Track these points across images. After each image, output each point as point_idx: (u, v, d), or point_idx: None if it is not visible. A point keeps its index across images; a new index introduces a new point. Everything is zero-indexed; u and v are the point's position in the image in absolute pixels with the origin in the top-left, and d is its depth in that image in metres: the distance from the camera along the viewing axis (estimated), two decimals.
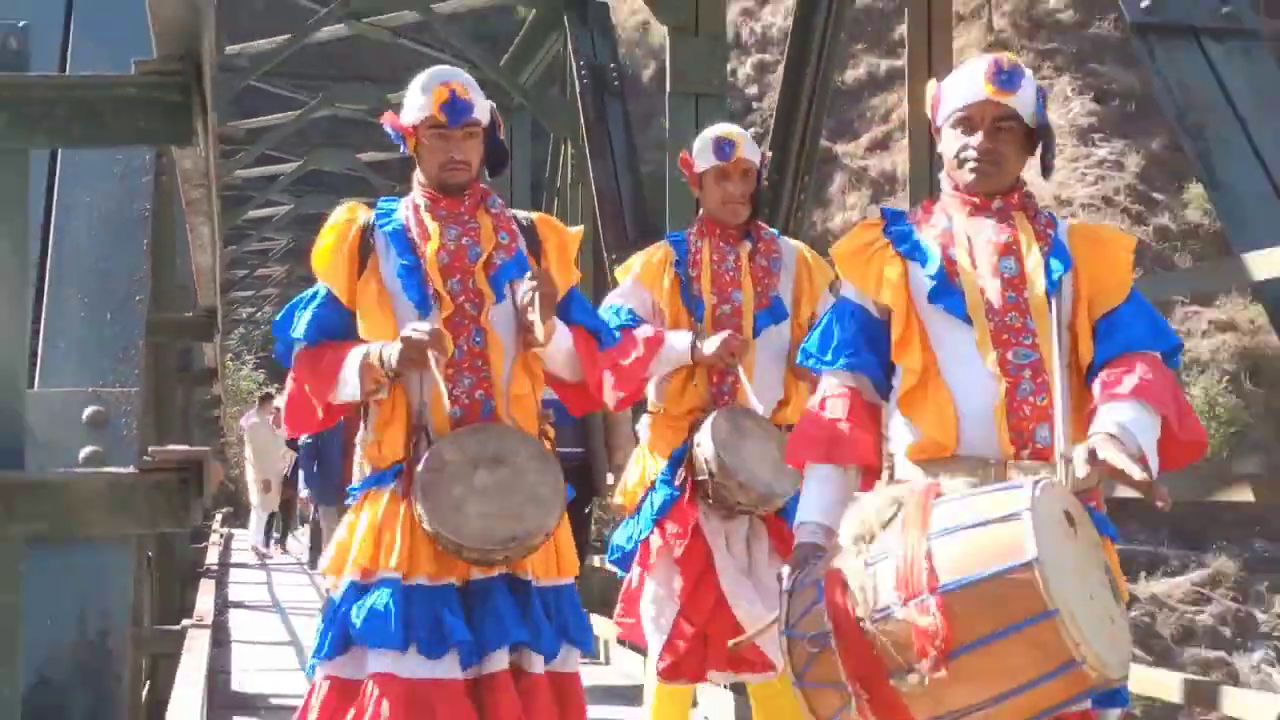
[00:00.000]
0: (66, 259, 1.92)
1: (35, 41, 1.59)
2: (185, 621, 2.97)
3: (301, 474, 8.85)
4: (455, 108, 2.16)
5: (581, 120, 7.35)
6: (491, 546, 2.08)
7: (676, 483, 2.76)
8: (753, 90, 19.55)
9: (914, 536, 1.50)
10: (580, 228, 2.63)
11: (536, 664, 2.17)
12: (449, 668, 2.08)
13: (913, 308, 1.85)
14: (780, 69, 5.94)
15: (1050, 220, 1.90)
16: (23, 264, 1.51)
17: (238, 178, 12.73)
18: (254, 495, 11.38)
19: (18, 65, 1.53)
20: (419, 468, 2.09)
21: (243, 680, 5.16)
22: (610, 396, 2.73)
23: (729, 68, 13.29)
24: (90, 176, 1.98)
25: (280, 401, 2.34)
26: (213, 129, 1.55)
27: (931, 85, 1.97)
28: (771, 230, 3.05)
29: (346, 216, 2.27)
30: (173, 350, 3.64)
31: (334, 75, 12.32)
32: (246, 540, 11.92)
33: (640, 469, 2.91)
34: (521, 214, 2.42)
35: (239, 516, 12.82)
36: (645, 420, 2.96)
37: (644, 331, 2.76)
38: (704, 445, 2.67)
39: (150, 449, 1.47)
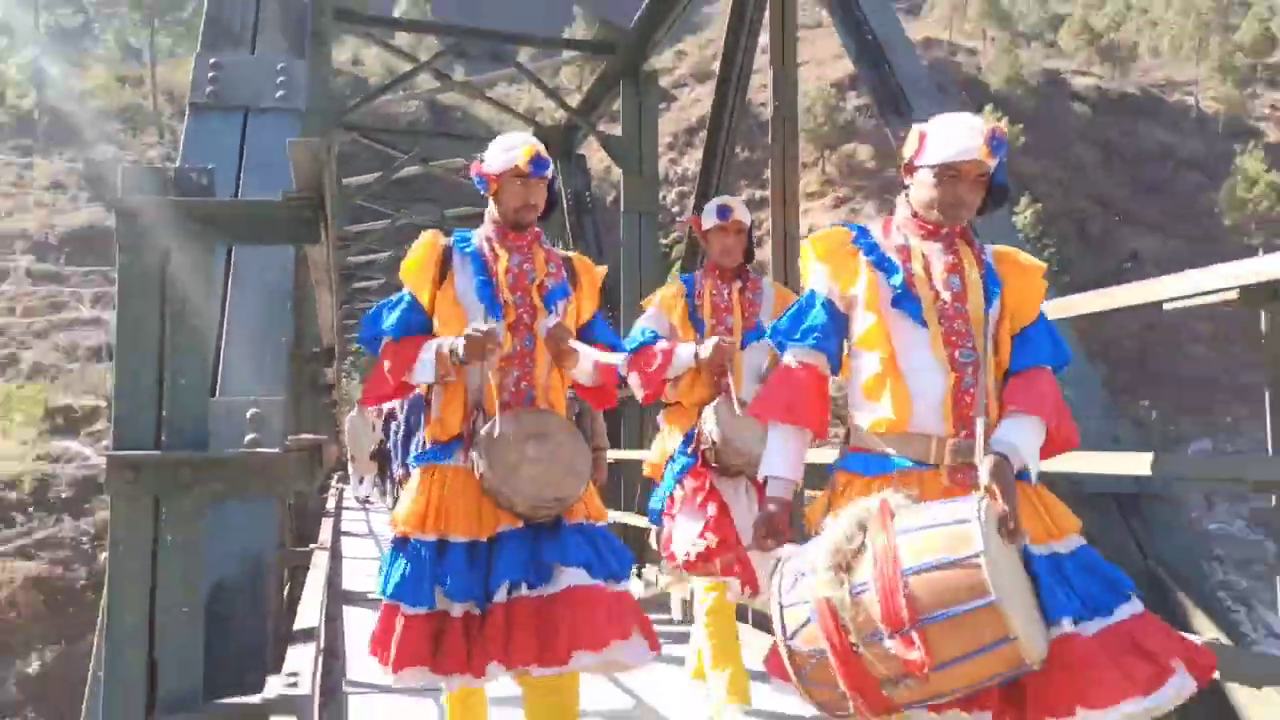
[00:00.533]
0: (239, 315, 2.64)
1: (220, 177, 2.27)
2: (312, 545, 3.76)
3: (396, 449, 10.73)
4: (538, 162, 2.59)
5: (567, 227, 10.75)
6: (540, 503, 2.46)
7: (689, 451, 3.39)
8: (676, 209, 31.86)
9: (889, 569, 1.70)
10: (604, 267, 3.10)
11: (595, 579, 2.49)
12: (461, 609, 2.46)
13: (880, 308, 2.10)
14: (693, 197, 8.64)
15: (981, 248, 2.18)
16: (211, 318, 2.22)
17: (349, 262, 16.61)
18: (351, 465, 15.17)
19: (206, 193, 2.22)
20: (481, 436, 2.46)
21: (349, 582, 7.18)
22: (638, 393, 3.41)
23: (660, 195, 18.87)
24: (255, 264, 2.70)
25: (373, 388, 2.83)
26: (331, 233, 2.21)
27: (915, 131, 2.16)
28: (756, 273, 3.68)
29: (430, 240, 2.66)
30: (309, 370, 4.64)
31: (409, 196, 16.64)
32: (350, 492, 15.64)
33: (661, 446, 3.60)
34: (561, 252, 2.83)
35: (347, 479, 16.18)
36: (664, 411, 3.67)
37: (662, 345, 3.42)
38: (709, 424, 3.30)
39: (289, 438, 2.15)
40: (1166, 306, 3.03)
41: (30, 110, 37.48)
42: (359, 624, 5.75)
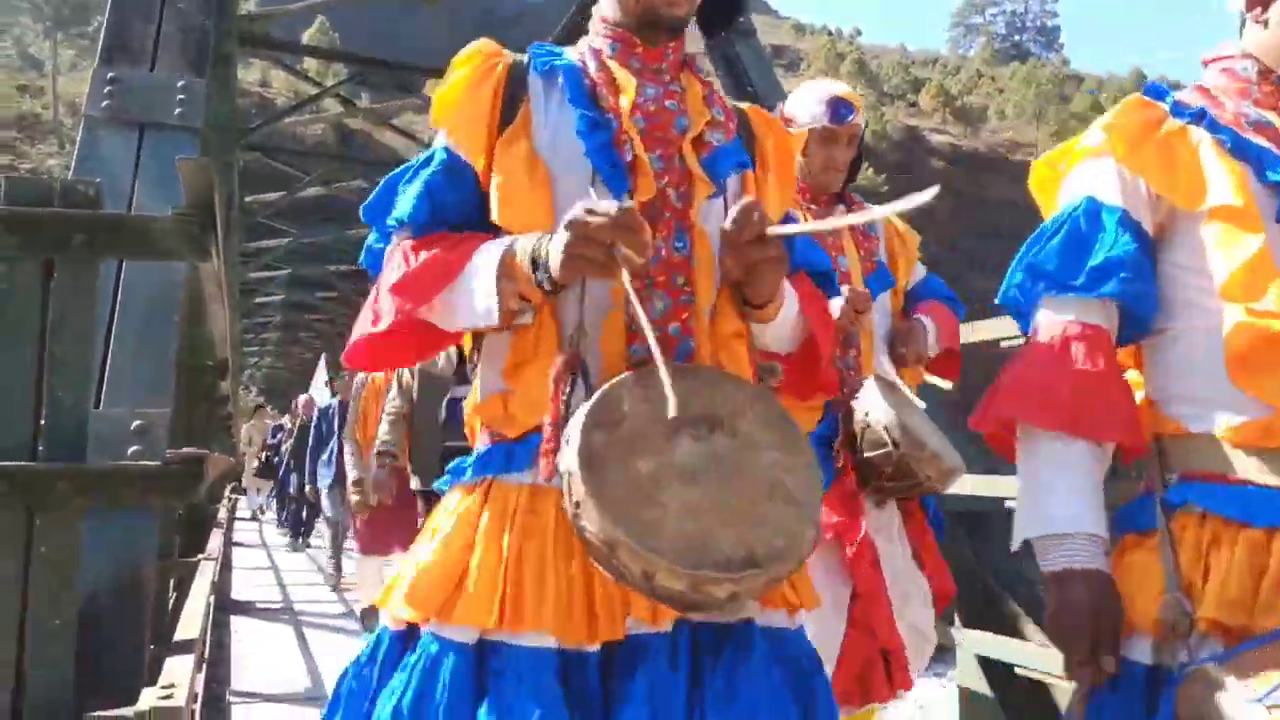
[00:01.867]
0: (125, 327, 2.50)
1: (114, 192, 2.16)
2: (199, 555, 3.59)
3: (307, 464, 8.45)
4: None
5: None
6: (711, 572, 0.99)
7: (837, 465, 2.04)
8: None
9: None
10: (804, 131, 2.20)
11: None
12: None
13: (1261, 222, 1.13)
14: None
15: None
16: (93, 330, 2.10)
17: (249, 278, 15.85)
18: (247, 475, 14.63)
19: (93, 206, 2.11)
20: (578, 425, 1.07)
21: (240, 592, 7.04)
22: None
23: None
24: (144, 277, 2.56)
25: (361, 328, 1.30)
26: (220, 251, 2.13)
27: None
28: (859, 196, 2.44)
29: (485, 50, 1.32)
30: (203, 383, 4.47)
31: (313, 217, 16.63)
32: (244, 503, 15.06)
33: None
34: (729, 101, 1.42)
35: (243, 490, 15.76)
36: None
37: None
38: (877, 413, 1.97)
39: (169, 451, 2.05)
40: (1004, 344, 3.20)
41: None
42: (248, 633, 5.52)
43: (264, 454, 12.90)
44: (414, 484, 4.42)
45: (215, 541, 6.95)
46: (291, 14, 9.40)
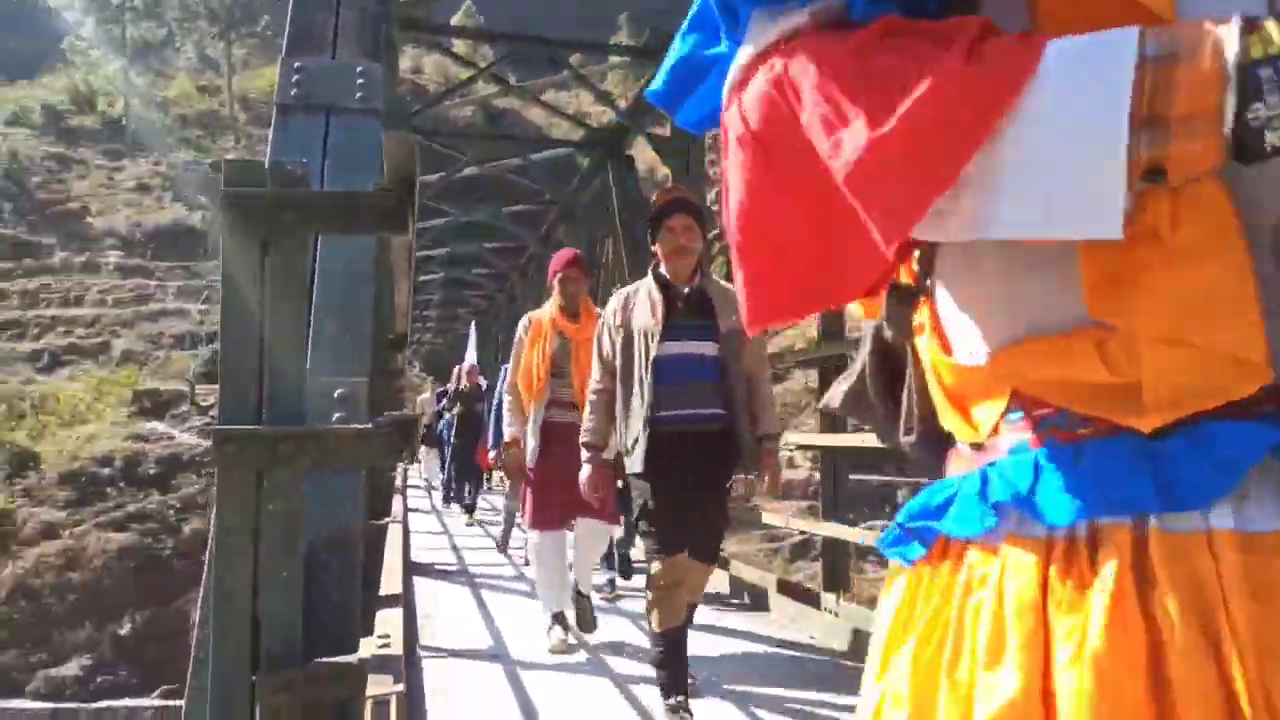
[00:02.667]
0: (324, 300, 2.64)
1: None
2: (386, 519, 3.80)
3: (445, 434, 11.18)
4: None
5: (617, 224, 10.80)
6: None
7: None
8: (715, 207, 32.82)
9: None
10: None
11: None
12: None
13: None
14: None
15: None
16: (303, 305, 2.23)
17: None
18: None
19: (302, 184, 2.23)
20: None
21: (417, 554, 7.29)
22: None
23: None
24: (340, 252, 2.70)
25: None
26: (414, 224, 2.21)
27: None
28: None
29: None
30: (381, 356, 4.69)
31: (469, 195, 16.31)
32: (415, 472, 15.77)
33: None
34: None
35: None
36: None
37: None
38: None
39: (381, 416, 2.16)
40: None
41: (119, 117, 38.21)
42: (429, 593, 5.82)
43: (430, 421, 13.05)
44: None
45: (398, 506, 7.39)
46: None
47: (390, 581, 2.67)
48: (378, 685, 1.81)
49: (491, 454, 5.59)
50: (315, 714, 2.05)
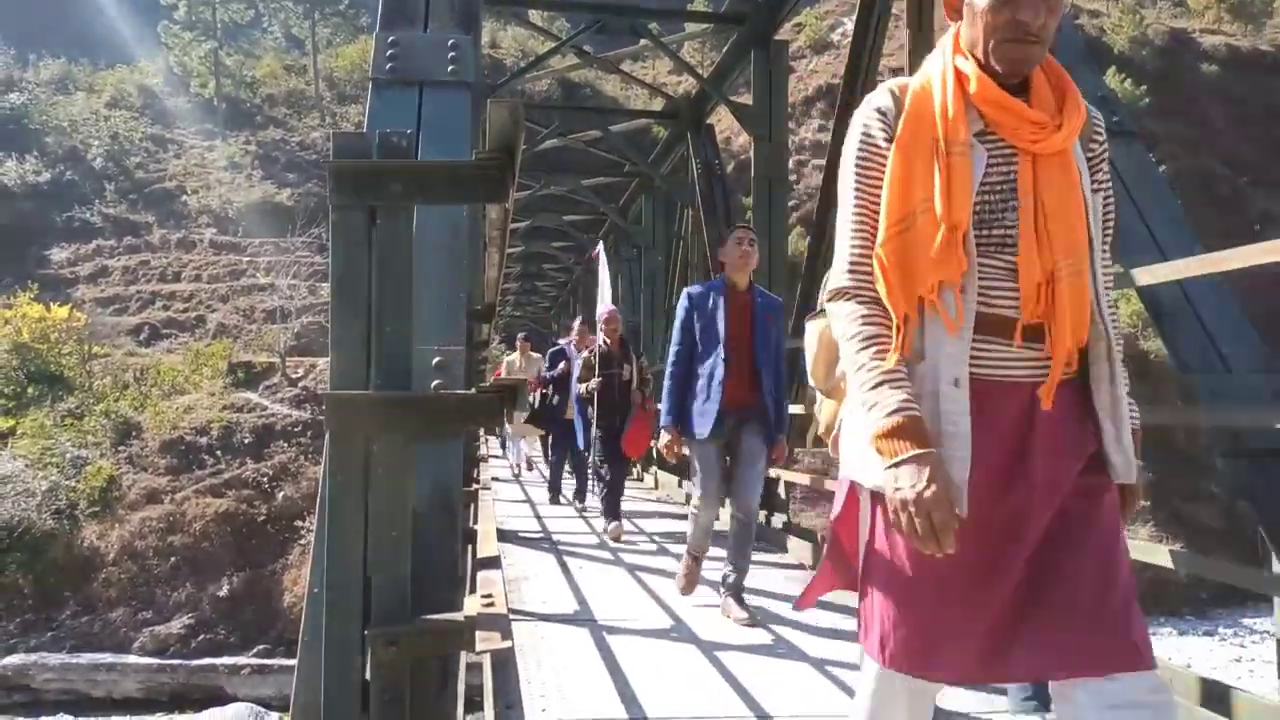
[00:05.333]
0: (422, 269, 2.71)
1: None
2: (476, 486, 3.89)
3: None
4: None
5: (698, 195, 10.72)
6: None
7: None
8: (793, 177, 28.65)
9: None
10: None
11: None
12: None
13: None
14: (824, 159, 8.01)
15: None
16: (409, 273, 2.29)
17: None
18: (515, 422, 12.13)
19: (406, 155, 2.28)
20: None
21: (502, 522, 7.16)
22: None
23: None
24: (436, 223, 2.76)
25: None
26: (512, 193, 2.24)
27: None
28: None
29: None
30: (468, 326, 4.82)
31: (548, 167, 16.55)
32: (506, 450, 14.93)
33: None
34: None
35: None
36: None
37: None
38: None
39: (480, 383, 2.21)
40: None
41: (211, 98, 39.47)
42: (516, 558, 5.97)
43: (539, 392, 9.33)
44: None
45: (487, 474, 7.55)
46: None
47: (486, 545, 2.74)
48: (486, 642, 1.87)
49: (664, 440, 4.40)
50: (422, 667, 2.13)
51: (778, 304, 4.52)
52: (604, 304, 8.00)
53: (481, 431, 14.84)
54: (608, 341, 7.17)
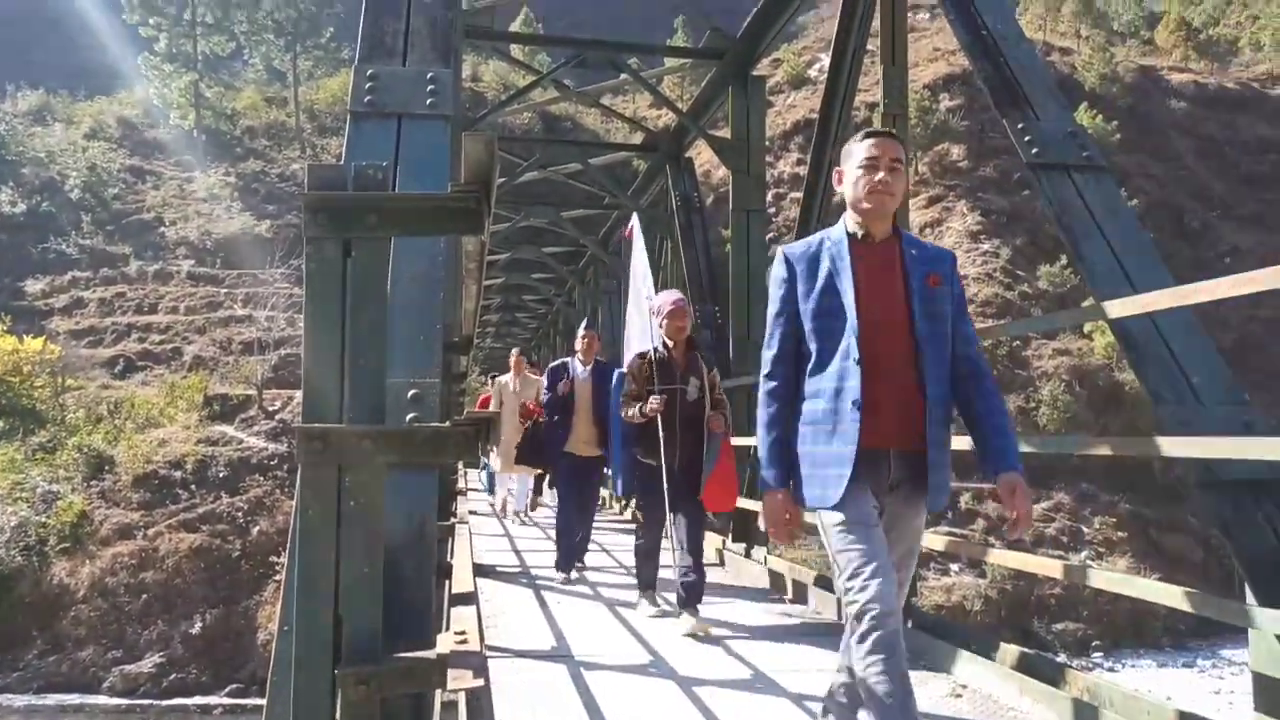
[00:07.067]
0: (397, 301, 2.69)
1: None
2: (453, 520, 3.84)
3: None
4: None
5: (677, 228, 11.01)
6: None
7: None
8: (772, 209, 32.10)
9: None
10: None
11: None
12: None
13: None
14: (801, 192, 7.53)
15: None
16: (384, 306, 2.27)
17: None
18: (491, 454, 11.88)
19: (382, 188, 2.27)
20: None
21: (480, 556, 7.04)
22: None
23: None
24: (413, 254, 2.75)
25: None
26: (489, 225, 2.24)
27: None
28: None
29: None
30: (446, 358, 4.80)
31: (529, 200, 16.52)
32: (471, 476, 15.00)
33: None
34: None
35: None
36: None
37: None
38: None
39: (457, 416, 2.19)
40: None
41: (191, 129, 39.43)
42: (492, 593, 5.89)
43: (530, 423, 8.22)
44: None
45: (464, 508, 7.48)
46: (505, 3, 9.80)
47: (462, 580, 2.71)
48: (458, 680, 1.83)
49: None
50: (393, 707, 2.09)
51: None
52: (647, 291, 5.83)
53: (460, 465, 14.71)
54: (669, 344, 5.01)
